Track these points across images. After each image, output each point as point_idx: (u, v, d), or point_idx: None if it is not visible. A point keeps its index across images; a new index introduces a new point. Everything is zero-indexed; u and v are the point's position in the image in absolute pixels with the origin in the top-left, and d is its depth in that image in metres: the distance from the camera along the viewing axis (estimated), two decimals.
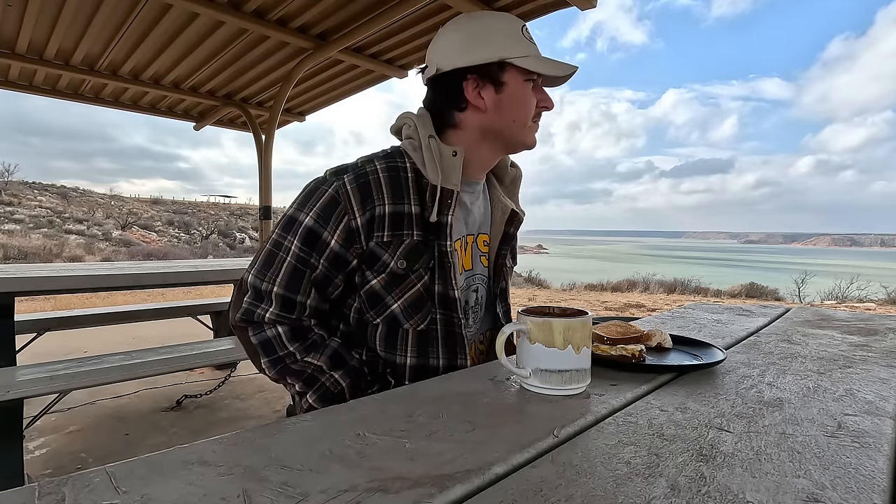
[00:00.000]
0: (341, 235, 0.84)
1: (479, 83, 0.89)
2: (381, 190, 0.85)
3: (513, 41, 0.88)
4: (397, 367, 0.90)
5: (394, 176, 0.87)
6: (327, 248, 0.85)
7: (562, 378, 0.66)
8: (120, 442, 2.38)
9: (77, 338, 4.28)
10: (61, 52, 3.95)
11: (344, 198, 0.84)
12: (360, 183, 0.85)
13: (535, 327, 0.67)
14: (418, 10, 3.17)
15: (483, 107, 0.90)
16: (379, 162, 0.88)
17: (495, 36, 0.88)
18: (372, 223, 0.85)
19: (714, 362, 0.79)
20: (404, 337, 0.89)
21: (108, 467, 0.46)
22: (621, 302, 8.95)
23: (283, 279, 0.84)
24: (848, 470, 0.47)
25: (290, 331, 0.85)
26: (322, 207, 0.84)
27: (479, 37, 0.88)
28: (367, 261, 0.87)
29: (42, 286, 2.11)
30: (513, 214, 1.02)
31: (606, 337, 0.85)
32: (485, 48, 0.87)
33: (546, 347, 0.66)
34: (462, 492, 0.43)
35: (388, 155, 0.91)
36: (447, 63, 0.90)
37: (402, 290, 0.87)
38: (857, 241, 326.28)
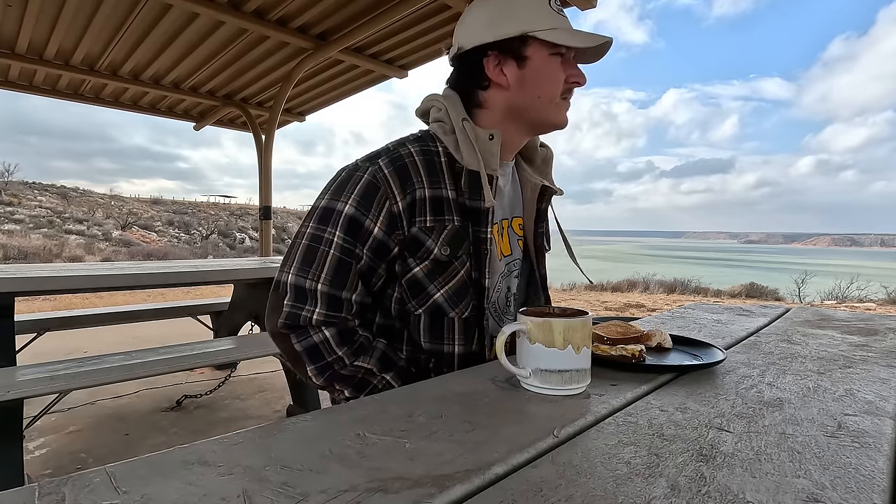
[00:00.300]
0: (384, 222, 0.80)
1: (501, 59, 0.85)
2: (419, 173, 0.83)
3: (538, 14, 0.83)
4: (444, 357, 0.86)
5: (428, 160, 0.84)
6: (370, 237, 0.80)
7: (562, 378, 0.66)
8: (120, 442, 2.38)
9: (77, 338, 4.28)
10: (61, 52, 3.95)
11: (383, 182, 0.81)
12: (396, 166, 0.82)
13: (535, 327, 0.67)
14: (418, 10, 3.17)
15: (506, 83, 0.86)
16: (412, 145, 0.86)
17: (519, 9, 0.84)
18: (413, 207, 0.82)
19: (714, 362, 0.79)
20: (450, 326, 0.86)
21: (108, 467, 0.46)
22: (621, 302, 8.96)
23: (329, 274, 0.79)
24: (848, 470, 0.47)
25: (338, 334, 0.80)
26: (361, 194, 0.80)
27: (502, 11, 0.84)
28: (409, 247, 0.83)
29: (42, 286, 2.11)
30: (543, 189, 0.97)
31: (606, 337, 0.85)
32: (507, 23, 0.83)
33: (546, 347, 0.66)
34: (462, 492, 0.43)
35: (419, 139, 0.88)
36: (469, 41, 0.87)
37: (446, 279, 0.84)
38: (858, 241, 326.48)
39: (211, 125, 5.86)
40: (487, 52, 0.85)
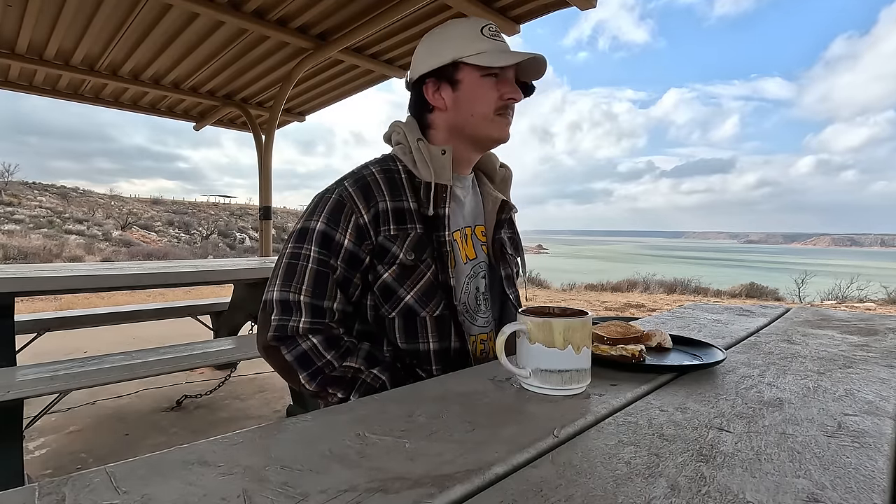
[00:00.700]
0: (353, 234, 0.89)
1: (438, 85, 0.97)
2: (380, 189, 0.92)
3: (468, 41, 0.94)
4: (422, 355, 0.93)
5: (389, 177, 0.95)
6: (342, 249, 0.89)
7: (562, 378, 0.67)
8: (120, 442, 2.38)
9: (77, 338, 4.28)
10: (61, 52, 3.95)
11: (348, 199, 0.90)
12: (360, 185, 0.92)
13: (535, 327, 0.67)
14: (418, 9, 3.17)
15: (443, 106, 0.97)
16: (374, 167, 0.97)
17: (451, 40, 0.95)
18: (377, 218, 0.91)
19: (714, 362, 0.79)
20: (423, 325, 0.93)
21: (108, 467, 0.46)
22: (621, 302, 8.95)
23: (309, 286, 0.87)
24: (848, 470, 0.47)
25: (325, 340, 0.87)
26: (330, 212, 0.90)
27: (438, 44, 0.97)
28: (377, 255, 0.91)
29: (42, 286, 2.11)
30: (503, 203, 1.07)
31: (606, 337, 0.85)
32: (441, 53, 0.95)
33: (546, 347, 0.66)
34: (462, 492, 0.43)
35: (380, 161, 0.99)
36: (415, 72, 1.00)
37: (414, 281, 0.92)
38: (858, 241, 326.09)
39: (211, 125, 5.86)
40: (426, 80, 0.98)
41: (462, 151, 1.01)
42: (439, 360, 0.93)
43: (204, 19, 3.36)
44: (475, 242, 1.03)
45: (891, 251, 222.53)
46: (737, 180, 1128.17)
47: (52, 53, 3.92)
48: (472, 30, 0.94)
